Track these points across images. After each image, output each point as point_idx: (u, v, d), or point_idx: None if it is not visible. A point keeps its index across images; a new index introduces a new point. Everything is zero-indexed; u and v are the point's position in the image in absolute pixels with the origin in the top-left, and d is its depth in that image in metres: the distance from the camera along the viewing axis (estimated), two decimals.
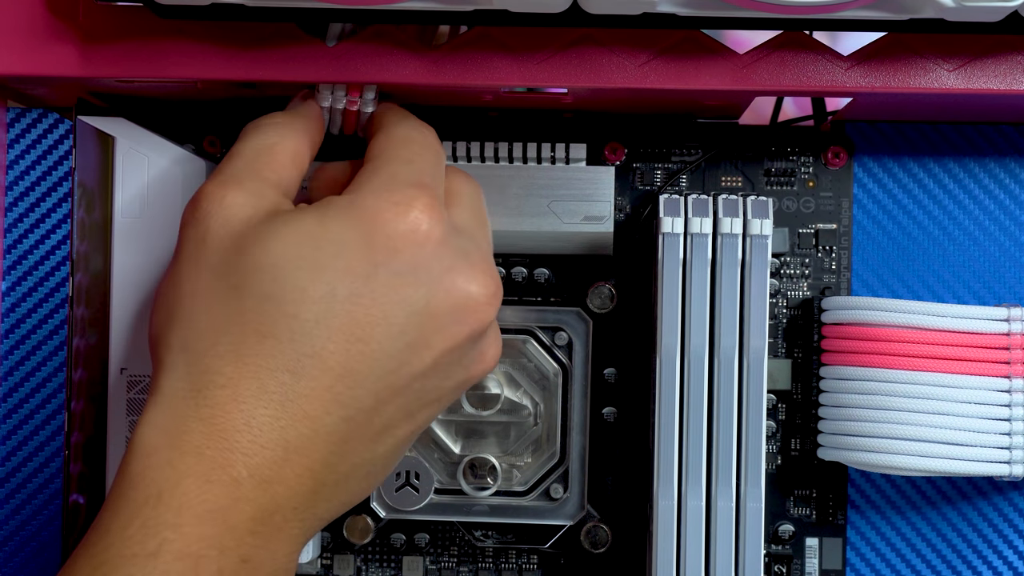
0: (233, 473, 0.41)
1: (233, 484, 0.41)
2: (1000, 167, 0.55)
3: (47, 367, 0.56)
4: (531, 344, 0.54)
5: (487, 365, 0.47)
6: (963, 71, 0.48)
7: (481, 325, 0.45)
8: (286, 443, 0.42)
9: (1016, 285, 0.55)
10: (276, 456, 0.41)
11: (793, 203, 0.55)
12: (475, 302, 0.44)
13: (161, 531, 0.40)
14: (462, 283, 0.44)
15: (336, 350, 0.42)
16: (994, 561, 0.55)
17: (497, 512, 0.54)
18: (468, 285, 0.44)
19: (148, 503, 0.40)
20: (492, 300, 0.45)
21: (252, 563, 0.41)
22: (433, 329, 0.44)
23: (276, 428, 0.42)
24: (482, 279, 0.45)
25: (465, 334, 0.44)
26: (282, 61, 0.47)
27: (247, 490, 0.41)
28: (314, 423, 0.42)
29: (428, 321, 0.43)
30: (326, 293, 0.42)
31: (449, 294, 0.44)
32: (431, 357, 0.44)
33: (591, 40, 0.48)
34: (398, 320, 0.43)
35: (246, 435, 0.41)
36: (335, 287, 0.42)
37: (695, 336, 0.50)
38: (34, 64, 0.48)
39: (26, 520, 0.56)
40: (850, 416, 0.51)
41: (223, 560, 0.40)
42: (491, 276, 0.45)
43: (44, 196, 0.56)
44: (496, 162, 0.53)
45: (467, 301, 0.44)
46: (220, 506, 0.41)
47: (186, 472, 0.41)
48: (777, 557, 0.55)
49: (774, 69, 0.48)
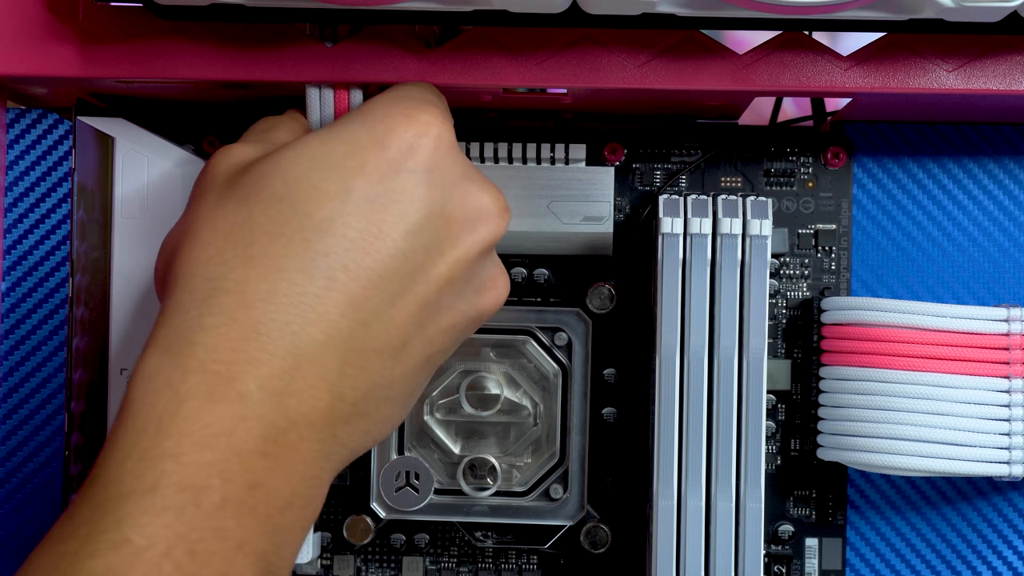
0: (240, 388, 0.39)
1: (239, 400, 0.38)
2: (999, 167, 0.55)
3: (47, 367, 0.56)
4: (531, 344, 0.54)
5: (498, 297, 0.46)
6: (962, 71, 0.48)
7: (492, 237, 0.44)
8: (298, 350, 0.39)
9: (1015, 285, 0.55)
10: (287, 364, 0.39)
11: (793, 203, 0.55)
12: (488, 212, 0.44)
13: (160, 462, 0.37)
14: (476, 190, 0.44)
15: (351, 248, 0.41)
16: (994, 561, 0.55)
17: (497, 512, 0.54)
18: (482, 193, 0.44)
19: (147, 432, 0.38)
20: (503, 213, 0.45)
21: (263, 488, 0.39)
22: (448, 235, 0.43)
23: (288, 333, 0.39)
24: (492, 191, 0.45)
25: (478, 245, 0.44)
26: (281, 61, 0.47)
27: (255, 405, 0.39)
28: (328, 327, 0.40)
29: (444, 225, 0.43)
30: (341, 190, 0.41)
31: (464, 200, 0.43)
32: (446, 267, 0.43)
33: (591, 40, 0.48)
34: (415, 219, 0.42)
35: (253, 343, 0.39)
36: (350, 184, 0.41)
37: (695, 336, 0.50)
38: (33, 64, 0.48)
39: (26, 520, 0.56)
40: (850, 416, 0.51)
41: (228, 488, 0.38)
42: (500, 193, 0.45)
43: (44, 197, 0.56)
44: (496, 162, 0.53)
45: (481, 209, 0.44)
46: (225, 428, 0.38)
47: (188, 394, 0.38)
48: (777, 557, 0.55)
49: (773, 69, 0.48)
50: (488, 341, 0.54)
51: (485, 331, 0.54)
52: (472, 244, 0.43)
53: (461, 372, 0.54)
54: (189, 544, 0.37)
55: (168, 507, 0.37)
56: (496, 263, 0.46)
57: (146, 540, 0.37)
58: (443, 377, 0.54)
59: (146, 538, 0.37)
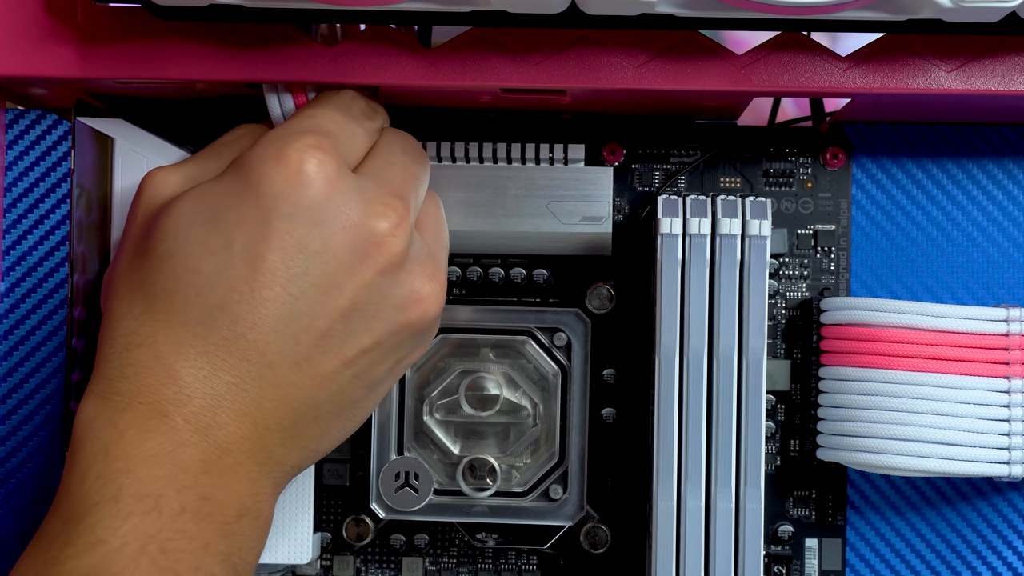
0: (169, 423, 0.42)
1: (172, 431, 0.42)
2: (998, 168, 0.55)
3: (46, 368, 0.56)
4: (530, 345, 0.54)
5: (428, 307, 0.46)
6: (961, 72, 0.48)
7: (389, 258, 0.44)
8: (213, 391, 0.43)
9: (1015, 286, 0.55)
10: (206, 404, 0.42)
11: (792, 204, 0.55)
12: (376, 234, 0.44)
13: (116, 478, 0.41)
14: (357, 217, 0.44)
15: (241, 299, 0.43)
16: (993, 561, 0.55)
17: (496, 513, 0.54)
18: (365, 219, 0.44)
19: (96, 458, 0.41)
20: (394, 231, 0.44)
21: (214, 501, 0.42)
22: (338, 267, 0.43)
23: (199, 378, 0.43)
24: (380, 210, 0.44)
25: (375, 270, 0.44)
26: (280, 62, 0.47)
27: (187, 435, 0.42)
28: (236, 370, 0.43)
29: (330, 260, 0.43)
30: (223, 244, 0.43)
31: (346, 230, 0.44)
32: (345, 298, 0.44)
33: (589, 41, 0.48)
34: (298, 263, 0.43)
35: (171, 387, 0.42)
36: (231, 237, 0.43)
37: (694, 337, 0.50)
38: (32, 65, 0.48)
39: (26, 521, 0.56)
40: (849, 417, 0.51)
41: (183, 498, 0.41)
42: (391, 207, 0.44)
43: (43, 197, 0.56)
44: (495, 163, 0.53)
45: (368, 235, 0.44)
46: (165, 450, 0.42)
47: (125, 427, 0.42)
48: (776, 558, 0.55)
49: (772, 70, 0.48)
50: (487, 341, 0.54)
51: (485, 331, 0.54)
52: (368, 270, 0.44)
53: (460, 373, 0.54)
54: (159, 542, 0.40)
55: (133, 512, 0.40)
56: (417, 275, 0.46)
57: (120, 539, 0.40)
58: (442, 378, 0.54)
59: (119, 538, 0.40)
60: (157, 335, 0.43)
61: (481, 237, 0.53)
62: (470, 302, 0.54)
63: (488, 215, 0.52)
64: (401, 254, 0.45)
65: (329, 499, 0.55)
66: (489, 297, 0.54)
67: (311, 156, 0.44)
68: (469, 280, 0.55)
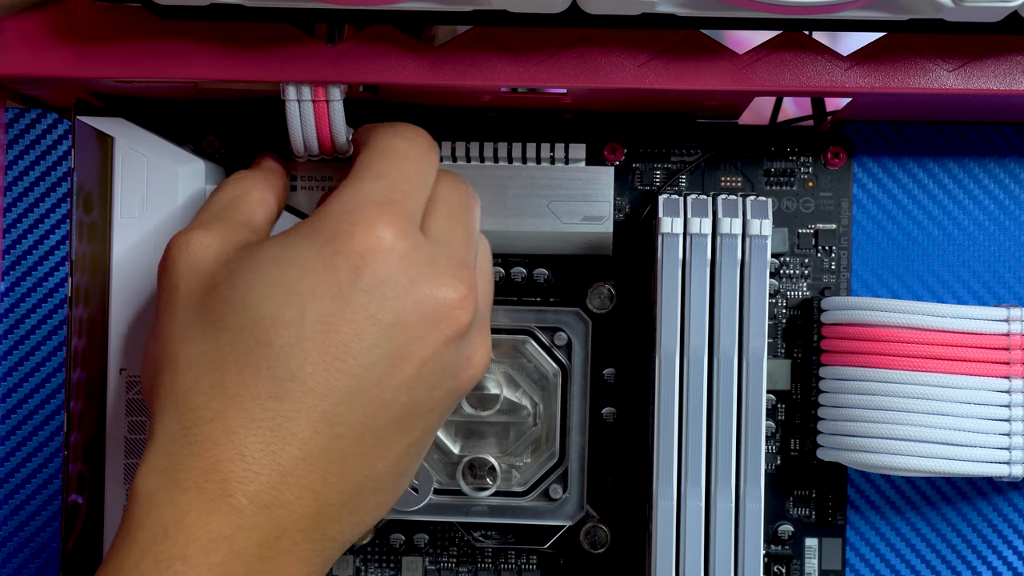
0: (233, 502, 0.41)
1: (234, 513, 0.41)
2: (1000, 167, 0.55)
3: (46, 367, 0.56)
4: (530, 344, 0.54)
5: (476, 370, 0.47)
6: (963, 71, 0.48)
7: (456, 329, 0.45)
8: (280, 467, 0.42)
9: (1016, 285, 0.55)
10: (272, 480, 0.42)
11: (792, 203, 0.55)
12: (446, 307, 0.44)
13: (172, 564, 0.41)
14: (428, 290, 0.44)
15: (314, 371, 0.43)
16: (993, 561, 0.55)
17: (496, 512, 0.54)
18: (436, 291, 0.44)
19: (156, 540, 0.41)
20: (463, 303, 0.45)
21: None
22: (408, 340, 0.44)
23: (268, 453, 0.42)
24: (450, 282, 0.44)
25: (441, 340, 0.44)
26: (281, 61, 0.47)
27: (249, 517, 0.42)
28: (304, 444, 0.42)
29: (401, 332, 0.44)
30: (296, 317, 0.43)
31: (418, 304, 0.44)
32: (412, 368, 0.44)
33: (590, 40, 0.48)
34: (370, 335, 0.43)
35: (239, 464, 0.42)
36: (304, 310, 0.43)
37: (694, 336, 0.50)
38: (32, 64, 0.48)
39: (25, 520, 0.56)
40: (849, 416, 0.51)
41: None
42: (460, 279, 0.45)
43: (43, 196, 0.56)
44: (495, 162, 0.53)
45: (438, 308, 0.44)
46: (224, 535, 0.41)
47: (187, 507, 0.41)
48: (776, 557, 0.55)
49: (773, 69, 0.48)
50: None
51: None
52: (434, 342, 0.44)
53: None
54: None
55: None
56: (470, 343, 0.46)
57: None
58: None
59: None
60: (228, 410, 0.42)
61: None
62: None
63: (489, 214, 0.52)
64: (468, 325, 0.45)
65: None
66: None
67: (387, 230, 0.44)
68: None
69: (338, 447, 0.43)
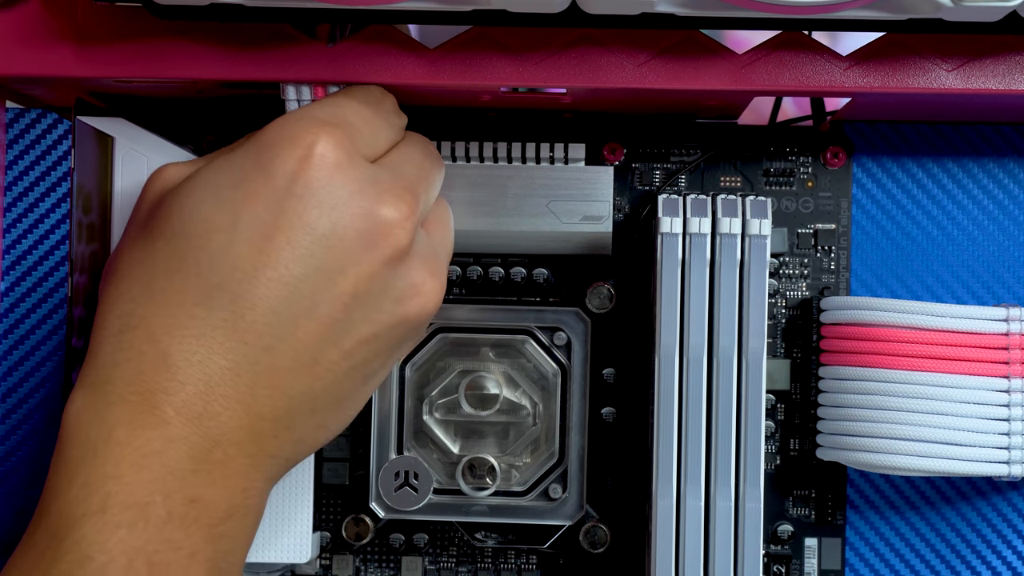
0: (160, 414, 0.41)
1: (163, 425, 0.41)
2: (999, 167, 0.55)
3: (46, 367, 0.56)
4: (530, 344, 0.54)
5: (425, 301, 0.46)
6: (962, 71, 0.48)
7: (395, 249, 0.44)
8: (207, 377, 0.41)
9: (1015, 285, 0.55)
10: (199, 391, 0.41)
11: (792, 203, 0.55)
12: (385, 224, 0.44)
13: (103, 485, 0.40)
14: (368, 204, 0.43)
15: (243, 278, 0.42)
16: (993, 561, 0.55)
17: (496, 512, 0.54)
18: (375, 207, 0.43)
19: (86, 460, 0.40)
20: (403, 223, 0.44)
21: (202, 502, 0.41)
22: (344, 253, 0.43)
23: (194, 363, 0.41)
24: (391, 201, 0.44)
25: (379, 259, 0.44)
26: (281, 61, 0.47)
27: (177, 428, 0.41)
28: (232, 354, 0.42)
29: (336, 244, 0.43)
30: (229, 222, 0.42)
31: (356, 217, 0.43)
32: (347, 283, 0.43)
33: (590, 40, 0.48)
34: (303, 244, 0.42)
35: (164, 374, 0.41)
36: (238, 215, 0.42)
37: (694, 336, 0.50)
38: (32, 64, 0.48)
39: (26, 520, 0.56)
40: (849, 416, 0.51)
41: (170, 503, 0.40)
42: (403, 200, 0.44)
43: (43, 196, 0.56)
44: (495, 162, 0.53)
45: (376, 224, 0.43)
46: (154, 450, 0.41)
47: (115, 422, 0.41)
48: (776, 557, 0.55)
49: (773, 69, 0.48)
50: (487, 341, 0.54)
51: (484, 331, 0.54)
52: (373, 259, 0.44)
53: (460, 372, 0.54)
54: (146, 556, 0.40)
55: (120, 524, 0.40)
56: (418, 269, 0.45)
57: (106, 556, 0.39)
58: (442, 377, 0.54)
59: (106, 554, 0.39)
60: (153, 316, 0.42)
61: (481, 236, 0.53)
62: (470, 301, 0.54)
63: (488, 214, 0.52)
64: (406, 247, 0.44)
65: (328, 498, 0.55)
66: (489, 296, 0.54)
67: (326, 140, 0.43)
68: (469, 279, 0.55)
69: (268, 359, 0.42)
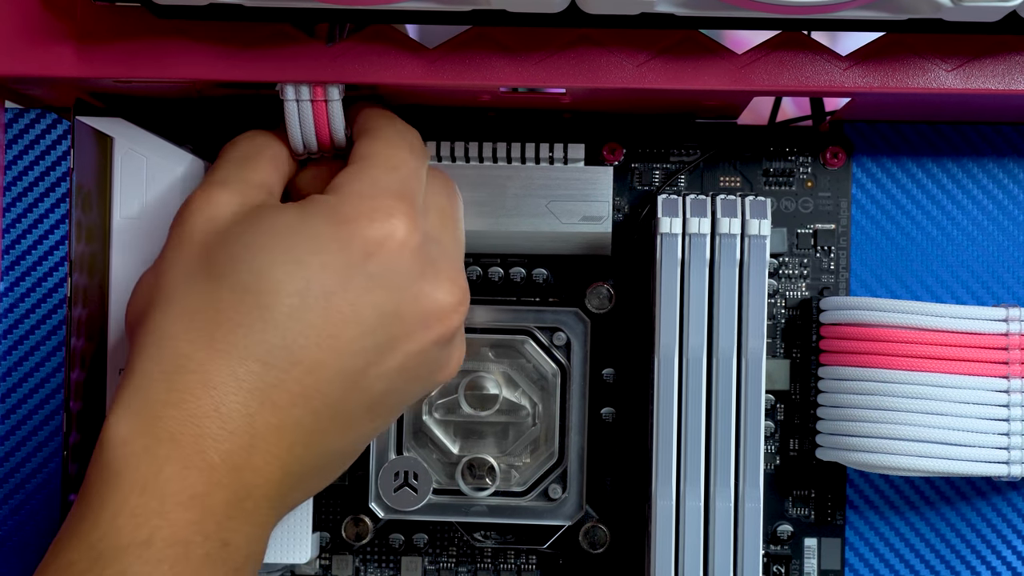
0: (207, 459, 0.42)
1: (208, 469, 0.42)
2: (998, 167, 0.55)
3: (46, 367, 0.56)
4: (529, 344, 0.54)
5: (451, 371, 0.48)
6: (961, 71, 0.48)
7: (447, 331, 0.46)
8: (253, 431, 0.42)
9: (1014, 285, 0.55)
10: (244, 443, 0.42)
11: (791, 203, 0.55)
12: (442, 309, 0.46)
13: (150, 519, 0.41)
14: (429, 290, 0.45)
15: (307, 344, 0.43)
16: (992, 561, 0.55)
17: (496, 512, 0.54)
18: (435, 291, 0.45)
19: (134, 492, 0.41)
20: (458, 307, 0.46)
21: (231, 546, 0.42)
22: (401, 332, 0.45)
23: (244, 415, 0.42)
24: (448, 287, 0.46)
25: (431, 339, 0.46)
26: (280, 61, 0.47)
27: (221, 475, 0.42)
28: (281, 413, 0.43)
29: (397, 324, 0.45)
30: (301, 288, 0.43)
31: (417, 300, 0.45)
32: (397, 360, 0.45)
33: (589, 40, 0.48)
34: (368, 320, 0.44)
35: (215, 421, 0.42)
36: (310, 282, 0.43)
37: (693, 336, 0.50)
38: (31, 64, 0.48)
39: (25, 520, 0.56)
40: (849, 416, 0.51)
41: (208, 544, 0.41)
42: (458, 284, 0.46)
43: (42, 196, 0.56)
44: (494, 162, 0.53)
45: (434, 308, 0.45)
46: (199, 492, 0.42)
47: (165, 459, 0.41)
48: (776, 557, 0.55)
49: (772, 69, 0.48)
50: (487, 341, 0.54)
51: (484, 331, 0.54)
52: (424, 339, 0.45)
53: (459, 372, 0.53)
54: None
55: (163, 559, 0.41)
56: (450, 345, 0.47)
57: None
58: None
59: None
60: (212, 364, 0.42)
61: (481, 236, 0.53)
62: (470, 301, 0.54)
63: (488, 214, 0.52)
64: (456, 330, 0.47)
65: (328, 498, 0.55)
66: (488, 296, 0.54)
67: (403, 223, 0.45)
68: (468, 279, 0.55)
69: (311, 422, 0.44)
